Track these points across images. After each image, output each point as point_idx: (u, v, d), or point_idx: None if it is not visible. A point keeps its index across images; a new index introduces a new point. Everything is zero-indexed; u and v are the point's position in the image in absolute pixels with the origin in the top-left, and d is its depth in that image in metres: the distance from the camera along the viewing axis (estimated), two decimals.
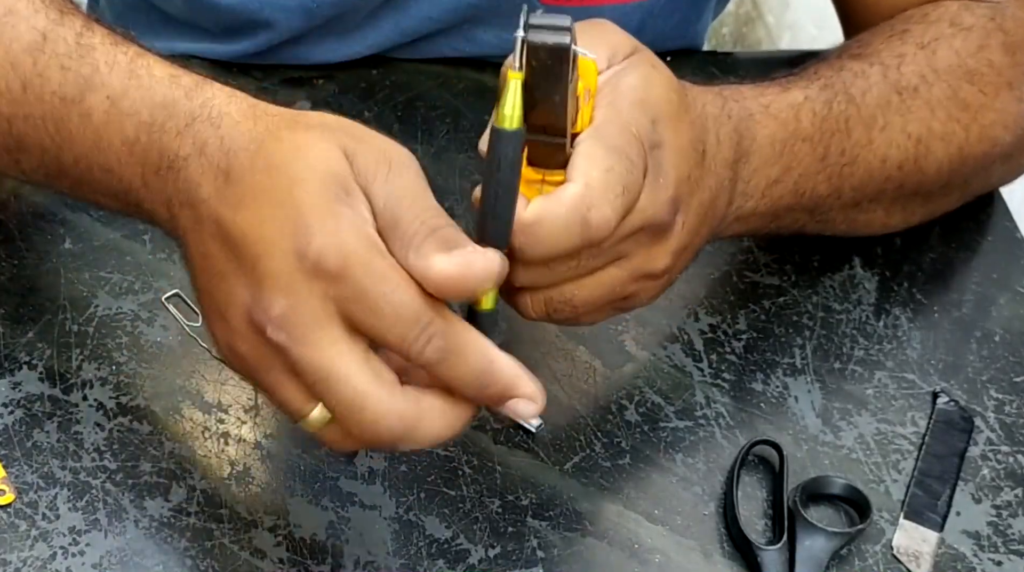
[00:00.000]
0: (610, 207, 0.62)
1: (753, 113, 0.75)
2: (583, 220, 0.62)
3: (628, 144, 0.64)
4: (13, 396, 0.77)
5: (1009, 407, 0.83)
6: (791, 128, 0.76)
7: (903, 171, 0.82)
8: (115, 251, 0.84)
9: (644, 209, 0.65)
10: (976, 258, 0.91)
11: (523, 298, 0.67)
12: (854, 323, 0.86)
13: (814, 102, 0.78)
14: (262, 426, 0.77)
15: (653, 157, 0.65)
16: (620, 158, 0.63)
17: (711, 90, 0.74)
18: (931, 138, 0.82)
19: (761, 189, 0.76)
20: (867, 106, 0.80)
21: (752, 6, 2.21)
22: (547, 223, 0.62)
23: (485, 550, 0.73)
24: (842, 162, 0.79)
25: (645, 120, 0.65)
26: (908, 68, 0.82)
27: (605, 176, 0.62)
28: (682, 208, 0.68)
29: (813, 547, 0.74)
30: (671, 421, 0.80)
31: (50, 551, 0.71)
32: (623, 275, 0.67)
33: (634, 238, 0.66)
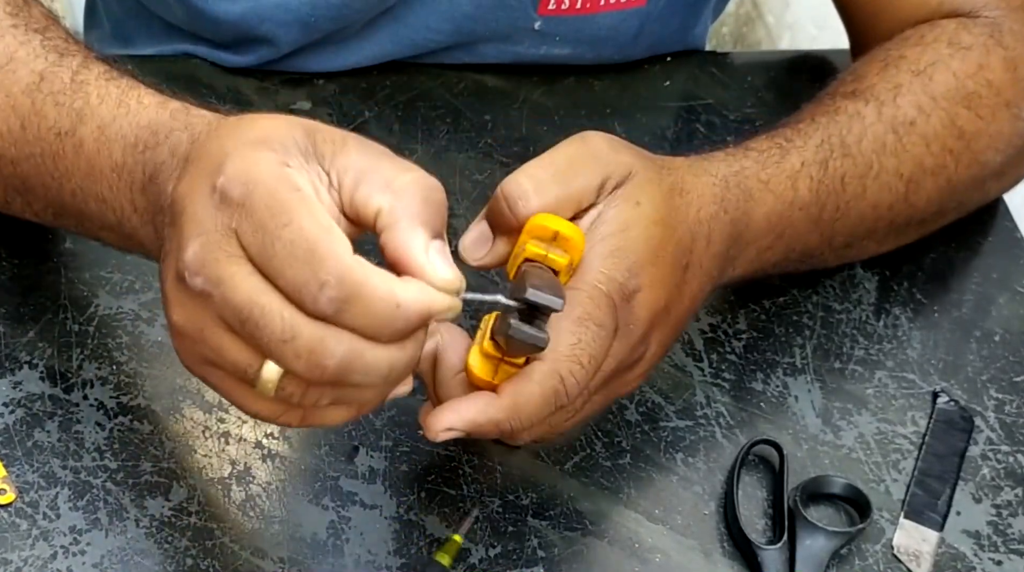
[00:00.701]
0: (576, 378, 0.65)
1: (752, 193, 0.75)
2: (555, 392, 0.65)
3: (596, 307, 0.65)
4: (14, 395, 0.77)
5: (1009, 407, 0.83)
6: (788, 199, 0.77)
7: (893, 211, 0.82)
8: (115, 251, 0.84)
9: (615, 357, 0.67)
10: (976, 258, 0.91)
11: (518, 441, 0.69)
12: (854, 323, 0.86)
13: (811, 166, 0.78)
14: (262, 426, 0.77)
15: (625, 308, 0.67)
16: (586, 329, 0.65)
17: (712, 179, 0.73)
18: (922, 175, 0.82)
19: (751, 258, 0.77)
20: (863, 154, 0.80)
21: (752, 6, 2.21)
22: (523, 403, 0.64)
23: (485, 549, 0.73)
24: (835, 218, 0.80)
25: (619, 272, 0.66)
26: (904, 99, 0.81)
27: (571, 351, 0.64)
28: (654, 337, 0.70)
29: (813, 546, 0.74)
30: (671, 421, 0.80)
31: (51, 550, 0.71)
32: (602, 401, 0.71)
33: (610, 378, 0.69)
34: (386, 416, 0.78)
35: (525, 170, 0.67)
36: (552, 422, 0.67)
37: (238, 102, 0.93)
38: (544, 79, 0.98)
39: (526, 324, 0.61)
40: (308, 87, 0.96)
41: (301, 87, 0.96)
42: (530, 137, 0.94)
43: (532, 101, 0.97)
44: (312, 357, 0.56)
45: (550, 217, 0.65)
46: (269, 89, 0.95)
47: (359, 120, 0.94)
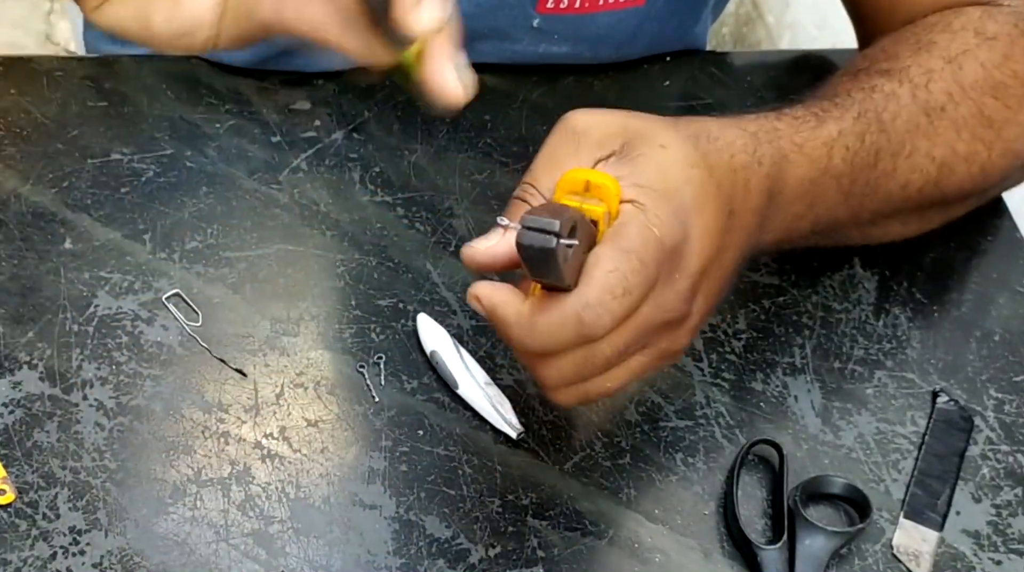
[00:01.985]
0: (606, 309, 0.62)
1: (787, 154, 0.74)
2: (577, 319, 0.62)
3: (643, 244, 0.63)
4: (13, 396, 0.77)
5: (1009, 406, 0.83)
6: (822, 166, 0.76)
7: (923, 194, 0.82)
8: (115, 251, 0.84)
9: (663, 307, 0.65)
10: (976, 258, 0.91)
11: (558, 393, 0.67)
12: (854, 323, 0.86)
13: (847, 137, 0.77)
14: (262, 426, 0.77)
15: (676, 254, 0.65)
16: (628, 260, 0.62)
17: (743, 131, 0.72)
18: (955, 160, 0.82)
19: (784, 225, 0.76)
20: (897, 133, 0.80)
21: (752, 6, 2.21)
22: (542, 321, 0.62)
23: (485, 550, 0.73)
24: (864, 192, 0.79)
25: (668, 215, 0.64)
26: (936, 86, 0.82)
27: (606, 278, 0.62)
28: (701, 291, 0.68)
29: (813, 546, 0.74)
30: (671, 420, 0.80)
31: (50, 550, 0.71)
32: (648, 360, 0.68)
33: (655, 331, 0.66)
34: (386, 416, 0.78)
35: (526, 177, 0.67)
36: (581, 368, 0.65)
37: (238, 102, 0.93)
38: (543, 79, 0.98)
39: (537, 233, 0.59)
40: (308, 87, 0.96)
41: (301, 87, 0.96)
42: (529, 137, 0.94)
43: (531, 101, 0.97)
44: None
45: (578, 170, 0.64)
46: (269, 89, 0.95)
47: (359, 120, 0.94)
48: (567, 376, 0.66)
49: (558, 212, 0.60)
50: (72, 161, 0.89)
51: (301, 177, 0.90)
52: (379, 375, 0.80)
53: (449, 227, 0.88)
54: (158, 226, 0.86)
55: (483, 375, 0.79)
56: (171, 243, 0.85)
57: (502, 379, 0.80)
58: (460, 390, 0.79)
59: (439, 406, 0.79)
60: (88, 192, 0.87)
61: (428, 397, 0.79)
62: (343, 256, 0.86)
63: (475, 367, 0.80)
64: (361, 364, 0.80)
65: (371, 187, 0.90)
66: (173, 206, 0.87)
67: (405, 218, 0.88)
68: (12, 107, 0.91)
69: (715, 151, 0.69)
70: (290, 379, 0.79)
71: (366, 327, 0.82)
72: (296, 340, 0.81)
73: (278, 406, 0.78)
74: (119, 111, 0.92)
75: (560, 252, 0.59)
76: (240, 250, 0.85)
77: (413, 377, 0.80)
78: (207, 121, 0.92)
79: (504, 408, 0.78)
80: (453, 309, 0.83)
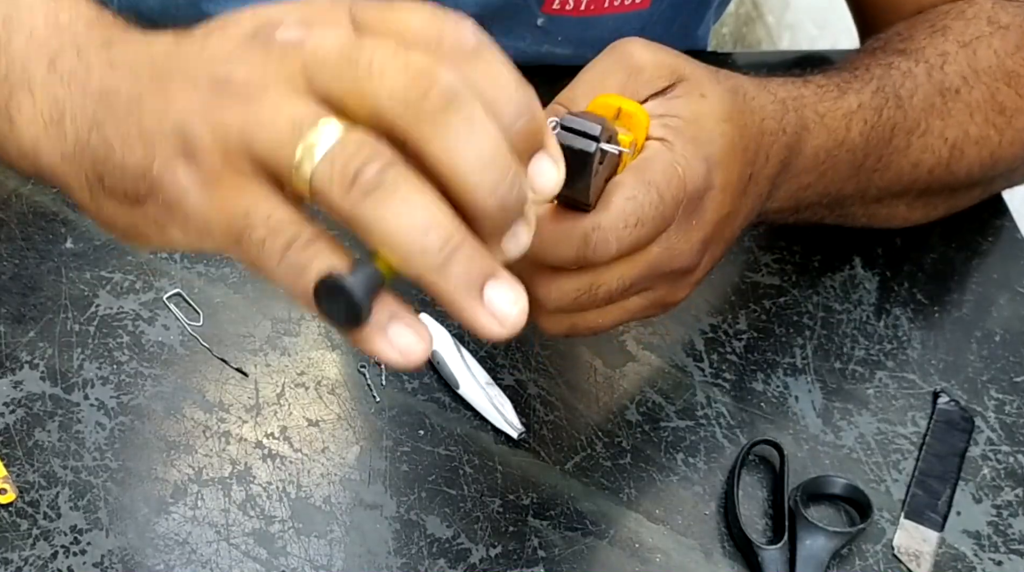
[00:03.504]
0: (615, 235, 0.61)
1: (808, 124, 0.74)
2: (584, 237, 0.61)
3: (666, 181, 0.62)
4: (14, 395, 0.77)
5: (1009, 407, 0.83)
6: (839, 137, 0.76)
7: (933, 175, 0.82)
8: (116, 250, 0.84)
9: (672, 251, 0.64)
10: (976, 258, 0.91)
11: (548, 318, 0.66)
12: (855, 323, 0.86)
13: (866, 110, 0.77)
14: (263, 425, 0.77)
15: (696, 200, 0.64)
16: (648, 191, 0.62)
17: (773, 96, 0.72)
18: (966, 142, 0.82)
19: (792, 193, 0.76)
20: (913, 110, 0.80)
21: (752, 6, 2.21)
22: (550, 227, 0.61)
23: (486, 549, 0.73)
24: (875, 167, 0.80)
25: (697, 161, 0.64)
26: (951, 68, 0.82)
27: (624, 204, 0.61)
28: (711, 247, 0.67)
29: (814, 547, 0.74)
30: (672, 421, 0.80)
31: (51, 550, 0.71)
32: (644, 304, 0.67)
33: (661, 276, 0.66)
34: (387, 416, 0.78)
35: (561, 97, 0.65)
36: (581, 295, 0.63)
37: None
38: (545, 79, 0.98)
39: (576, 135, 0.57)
40: None
41: None
42: None
43: None
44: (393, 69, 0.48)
45: (612, 95, 0.63)
46: None
47: None
48: (565, 300, 0.64)
49: (596, 120, 0.58)
50: None
51: None
52: (380, 375, 0.80)
53: None
54: None
55: (484, 375, 0.80)
56: None
57: (503, 379, 0.80)
58: (461, 390, 0.79)
59: (440, 406, 0.79)
60: None
61: (429, 397, 0.79)
62: None
63: (476, 367, 0.80)
64: (362, 364, 0.80)
65: None
66: None
67: None
68: None
69: (748, 111, 0.69)
70: (291, 379, 0.79)
71: None
72: (297, 340, 0.81)
73: (279, 406, 0.78)
74: None
75: (596, 157, 0.57)
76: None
77: (414, 377, 0.80)
78: None
79: (505, 408, 0.78)
80: None
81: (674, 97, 0.66)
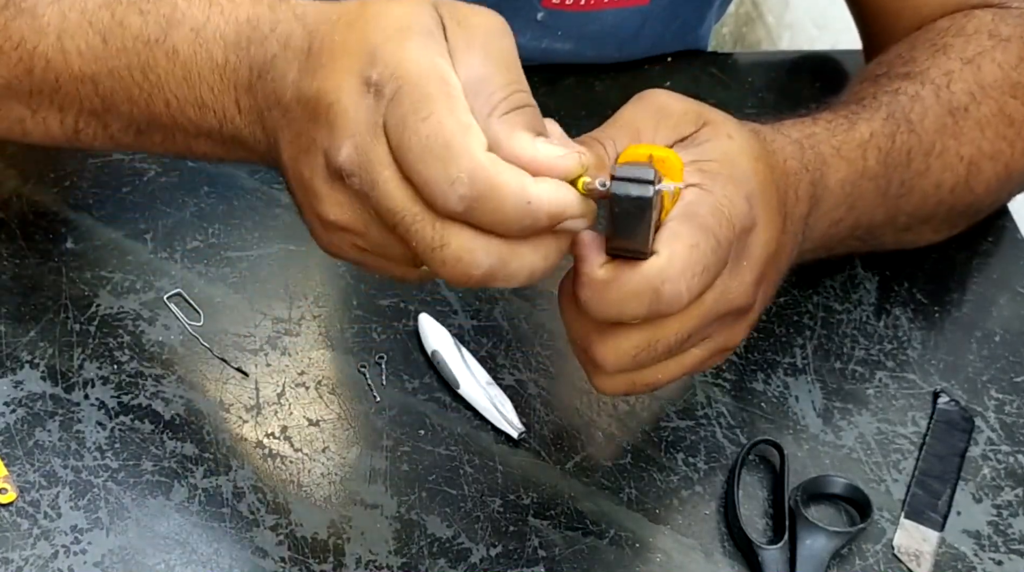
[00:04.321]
0: (685, 285, 0.60)
1: (826, 158, 0.74)
2: (655, 291, 0.60)
3: (718, 225, 0.62)
4: (15, 395, 0.77)
5: (1009, 407, 0.83)
6: (859, 168, 0.76)
7: (955, 194, 0.83)
8: (117, 250, 0.84)
9: (727, 294, 0.64)
10: (976, 258, 0.91)
11: (606, 380, 0.65)
12: (855, 323, 0.86)
13: (879, 137, 0.78)
14: (263, 425, 0.77)
15: (743, 240, 0.64)
16: (707, 237, 0.61)
17: (790, 138, 0.72)
18: (981, 158, 0.83)
19: (824, 230, 0.76)
20: (926, 132, 0.80)
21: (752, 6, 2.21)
22: (617, 286, 0.60)
23: (486, 549, 0.73)
24: (900, 193, 0.80)
25: (739, 199, 0.63)
26: (957, 86, 0.82)
27: (688, 253, 0.60)
28: (763, 286, 0.67)
29: (814, 546, 0.74)
30: (672, 421, 0.80)
31: (52, 550, 0.71)
32: (704, 355, 0.67)
33: (719, 321, 0.65)
34: (387, 416, 0.78)
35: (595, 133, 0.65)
36: (641, 352, 0.63)
37: None
38: (545, 79, 0.98)
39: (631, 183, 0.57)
40: None
41: None
42: None
43: None
44: (459, 266, 0.57)
45: (640, 145, 0.63)
46: None
47: None
48: (625, 359, 0.63)
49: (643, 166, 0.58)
50: (74, 161, 0.89)
51: None
52: (380, 375, 0.80)
53: None
54: (160, 226, 0.86)
55: (484, 375, 0.80)
56: (173, 243, 0.85)
57: (503, 379, 0.80)
58: (461, 390, 0.79)
59: (440, 406, 0.79)
60: (90, 192, 0.87)
61: (429, 397, 0.79)
62: None
63: (476, 367, 0.80)
64: (362, 364, 0.80)
65: None
66: (175, 206, 0.87)
67: None
68: None
69: (772, 153, 0.69)
70: (291, 379, 0.79)
71: (367, 327, 0.82)
72: (297, 340, 0.81)
73: (279, 406, 0.78)
74: None
75: (654, 201, 0.57)
76: (241, 250, 0.85)
77: (414, 377, 0.80)
78: None
79: (505, 408, 0.78)
80: (455, 309, 0.83)
81: (703, 141, 0.65)
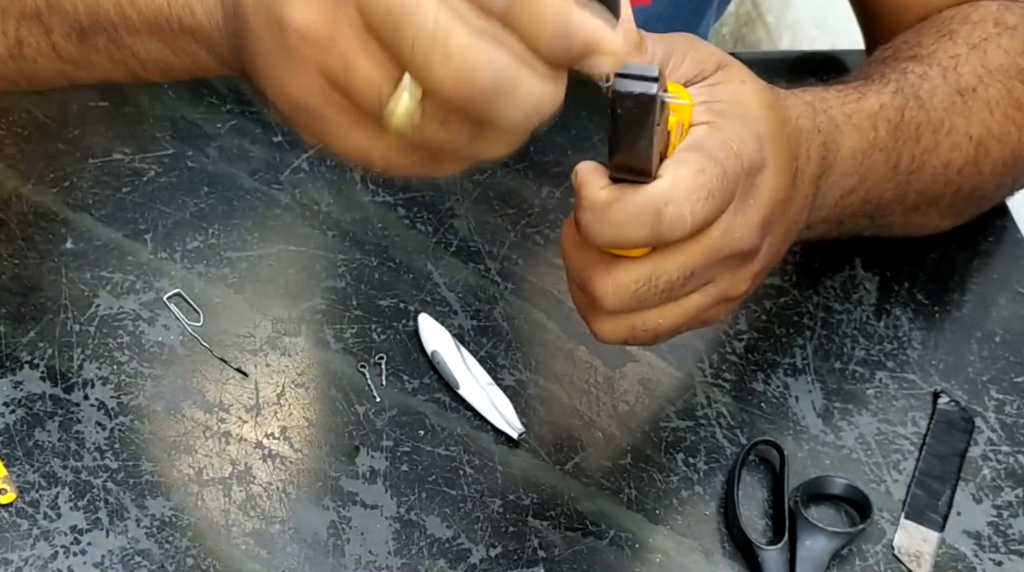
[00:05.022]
0: (689, 207, 0.58)
1: (839, 124, 0.74)
2: (657, 213, 0.58)
3: (726, 156, 0.60)
4: (14, 395, 0.77)
5: (1010, 407, 0.83)
6: (870, 138, 0.76)
7: (962, 174, 0.83)
8: (116, 250, 0.84)
9: (732, 233, 0.62)
10: (977, 258, 0.91)
11: (605, 321, 0.64)
12: (855, 323, 0.86)
13: (889, 110, 0.78)
14: (263, 426, 0.77)
15: (751, 179, 0.63)
16: (714, 164, 0.60)
17: (802, 99, 0.72)
18: (990, 139, 0.83)
19: (835, 199, 0.76)
20: (935, 110, 0.80)
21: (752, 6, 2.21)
22: (619, 207, 0.58)
23: (486, 550, 0.73)
24: (910, 169, 0.80)
25: (749, 138, 0.62)
26: (965, 69, 0.82)
27: (694, 176, 0.59)
28: (771, 231, 0.65)
29: (814, 547, 0.74)
30: (672, 421, 0.80)
31: (51, 550, 0.71)
32: (706, 301, 0.65)
33: (722, 263, 0.63)
34: (387, 416, 0.78)
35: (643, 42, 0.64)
36: (642, 286, 0.61)
37: (239, 102, 0.93)
38: None
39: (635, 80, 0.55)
40: None
41: None
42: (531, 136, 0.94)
43: None
44: (464, 66, 0.48)
45: None
46: None
47: None
48: (625, 294, 0.61)
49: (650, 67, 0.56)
50: (73, 161, 0.89)
51: (302, 177, 0.90)
52: (380, 375, 0.80)
53: (450, 227, 0.88)
54: (159, 226, 0.86)
55: (484, 375, 0.79)
56: (172, 243, 0.85)
57: (503, 379, 0.80)
58: (461, 390, 0.79)
59: (440, 406, 0.79)
60: (89, 192, 0.87)
61: (429, 397, 0.79)
62: (344, 256, 0.86)
63: (476, 367, 0.80)
64: (362, 364, 0.80)
65: (372, 187, 0.90)
66: (174, 206, 0.87)
67: (406, 218, 0.88)
68: (13, 107, 0.91)
69: (784, 106, 0.68)
70: (291, 379, 0.79)
71: (367, 327, 0.82)
72: (297, 340, 0.81)
73: (279, 406, 0.78)
74: (120, 111, 0.92)
75: (658, 104, 0.55)
76: (241, 250, 0.85)
77: (414, 377, 0.80)
78: (208, 121, 0.92)
79: (505, 408, 0.78)
80: (454, 309, 0.83)
81: (716, 83, 0.64)
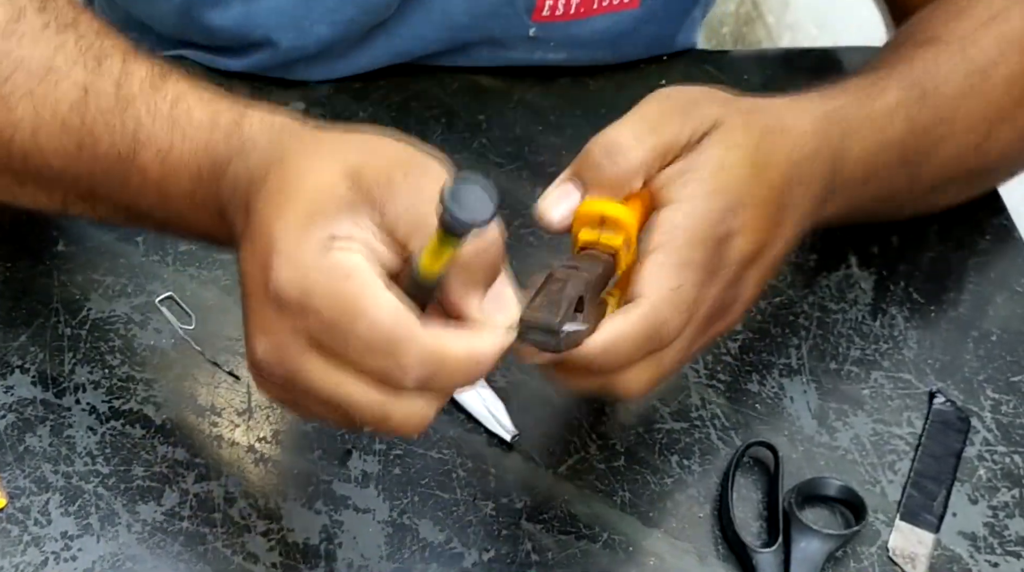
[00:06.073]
0: (678, 322, 0.65)
1: (852, 128, 0.76)
2: (656, 335, 0.64)
3: (696, 253, 0.66)
4: (5, 400, 0.77)
5: (1006, 407, 0.82)
6: (886, 135, 0.78)
7: (978, 153, 0.84)
8: (108, 253, 0.84)
9: (709, 302, 0.67)
10: (973, 257, 0.91)
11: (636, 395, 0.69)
12: (850, 323, 0.86)
13: (906, 105, 0.79)
14: (255, 429, 0.77)
15: (719, 250, 0.67)
16: (689, 273, 0.65)
17: (812, 118, 0.74)
18: (1002, 119, 0.83)
19: (845, 197, 0.77)
20: (950, 97, 0.81)
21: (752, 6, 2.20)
22: (622, 344, 0.64)
23: (479, 554, 0.73)
24: (921, 159, 0.81)
25: (717, 212, 0.66)
26: (985, 41, 0.83)
27: (672, 296, 0.64)
28: (748, 278, 0.70)
29: (808, 549, 0.73)
30: (666, 423, 0.80)
31: (42, 556, 0.71)
32: (701, 347, 0.71)
33: (708, 322, 0.69)
34: None
35: (618, 125, 0.68)
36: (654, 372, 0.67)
37: None
38: (539, 79, 0.98)
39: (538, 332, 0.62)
40: (301, 88, 0.95)
41: (295, 88, 0.95)
42: (525, 137, 0.94)
43: (527, 101, 0.97)
44: (407, 427, 0.61)
45: (594, 202, 0.66)
46: (263, 90, 0.94)
47: (353, 121, 0.93)
48: (647, 386, 0.68)
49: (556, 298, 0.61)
50: None
51: None
52: None
53: None
54: None
55: None
56: (164, 245, 0.85)
57: (496, 381, 0.80)
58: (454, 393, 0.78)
59: None
60: None
61: None
62: None
63: None
64: None
65: None
66: None
67: None
68: None
69: (777, 150, 0.71)
70: None
71: None
72: None
73: (271, 410, 0.78)
74: None
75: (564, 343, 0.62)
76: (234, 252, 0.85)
77: None
78: None
79: (498, 411, 0.78)
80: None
81: (702, 151, 0.68)
